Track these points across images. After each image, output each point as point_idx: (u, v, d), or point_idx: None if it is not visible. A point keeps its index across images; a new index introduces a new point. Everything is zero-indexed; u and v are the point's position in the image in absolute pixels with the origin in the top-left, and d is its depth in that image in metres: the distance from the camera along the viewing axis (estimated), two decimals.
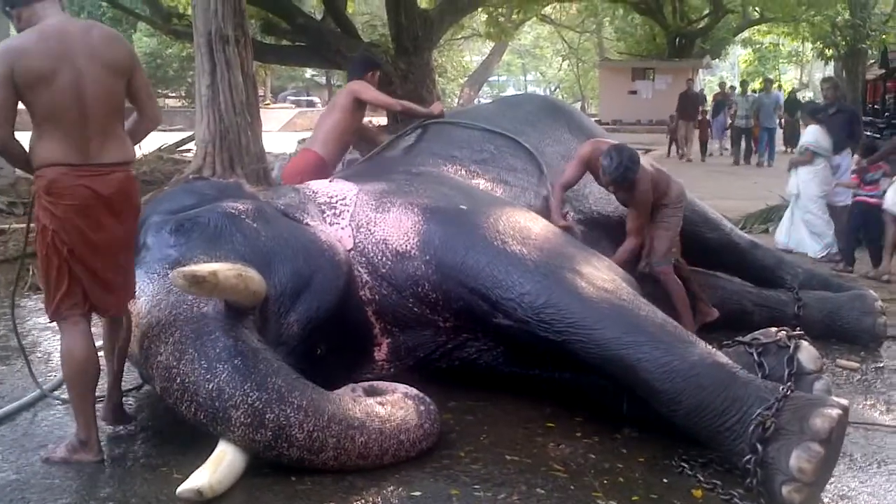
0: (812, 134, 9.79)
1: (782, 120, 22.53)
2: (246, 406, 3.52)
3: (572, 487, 3.62)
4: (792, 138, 22.14)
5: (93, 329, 3.86)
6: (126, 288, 3.88)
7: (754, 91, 23.63)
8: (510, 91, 50.85)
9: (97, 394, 3.92)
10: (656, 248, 5.59)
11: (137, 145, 4.09)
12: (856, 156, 9.34)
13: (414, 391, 3.99)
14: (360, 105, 6.25)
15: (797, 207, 9.68)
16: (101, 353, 3.98)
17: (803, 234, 9.63)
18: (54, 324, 3.82)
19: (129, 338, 3.91)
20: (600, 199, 5.85)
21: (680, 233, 5.74)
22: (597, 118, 29.32)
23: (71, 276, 3.66)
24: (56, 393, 4.59)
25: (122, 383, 4.24)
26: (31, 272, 7.43)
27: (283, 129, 31.95)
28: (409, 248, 4.52)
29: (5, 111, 3.59)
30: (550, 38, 45.16)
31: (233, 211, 4.42)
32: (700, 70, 29.27)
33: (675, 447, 3.97)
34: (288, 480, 3.59)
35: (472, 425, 4.28)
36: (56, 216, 3.62)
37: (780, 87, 35.15)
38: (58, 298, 3.67)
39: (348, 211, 4.78)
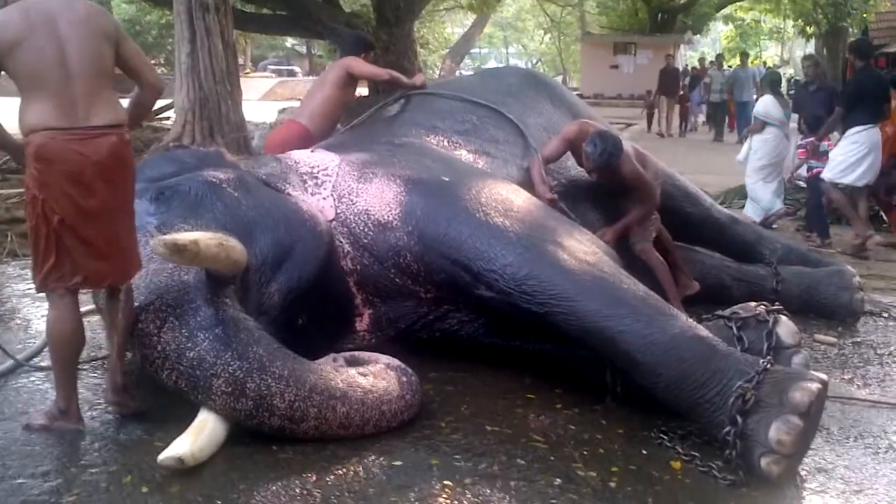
0: (763, 104, 10.22)
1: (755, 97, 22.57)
2: (227, 375, 3.51)
3: (552, 458, 3.64)
4: None
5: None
6: (124, 256, 3.74)
7: (730, 66, 23.60)
8: (492, 64, 50.64)
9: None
10: (634, 229, 5.61)
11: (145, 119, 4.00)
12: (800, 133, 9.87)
13: (396, 362, 3.99)
14: (351, 80, 6.23)
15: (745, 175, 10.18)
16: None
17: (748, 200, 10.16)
18: (32, 291, 3.77)
19: (132, 312, 3.76)
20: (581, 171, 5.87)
21: (659, 208, 5.74)
22: (578, 92, 29.26)
23: (59, 247, 3.57)
24: (34, 361, 4.55)
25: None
26: (9, 238, 7.39)
27: (263, 98, 31.76)
28: (390, 218, 4.51)
29: None
30: (533, 11, 44.93)
31: (214, 180, 4.39)
32: (682, 46, 29.25)
33: (654, 419, 4.00)
34: (269, 449, 3.59)
35: (452, 396, 4.29)
36: (46, 184, 3.53)
37: (764, 63, 35.21)
38: (45, 269, 3.60)
39: (330, 181, 4.76)
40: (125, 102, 3.89)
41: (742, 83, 20.14)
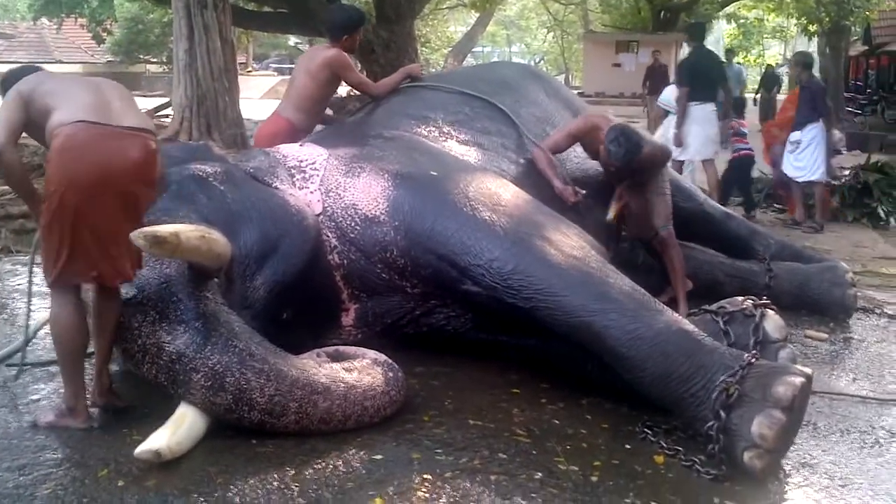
0: (666, 93, 10.76)
1: (756, 95, 22.27)
2: (206, 369, 3.50)
3: (534, 452, 3.62)
4: (769, 113, 21.89)
5: None
6: (132, 254, 3.67)
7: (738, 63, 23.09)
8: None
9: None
10: (660, 213, 5.68)
11: None
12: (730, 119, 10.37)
13: (383, 358, 3.97)
14: (337, 78, 6.01)
15: None
16: None
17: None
18: (24, 286, 3.75)
19: (120, 312, 3.73)
20: (579, 163, 5.89)
21: None
22: (580, 90, 29.26)
23: (75, 242, 3.52)
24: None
25: None
26: (1, 234, 7.38)
27: (264, 97, 31.67)
28: (378, 213, 4.49)
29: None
30: (536, 10, 44.89)
31: (200, 173, 4.38)
32: (684, 44, 29.21)
33: (639, 414, 3.99)
34: (248, 443, 3.58)
35: (437, 390, 4.28)
36: (72, 175, 3.49)
37: (767, 63, 35.06)
38: (61, 265, 3.55)
39: (318, 175, 4.74)
40: None
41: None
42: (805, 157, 9.54)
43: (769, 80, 22.02)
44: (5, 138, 3.55)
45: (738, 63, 22.92)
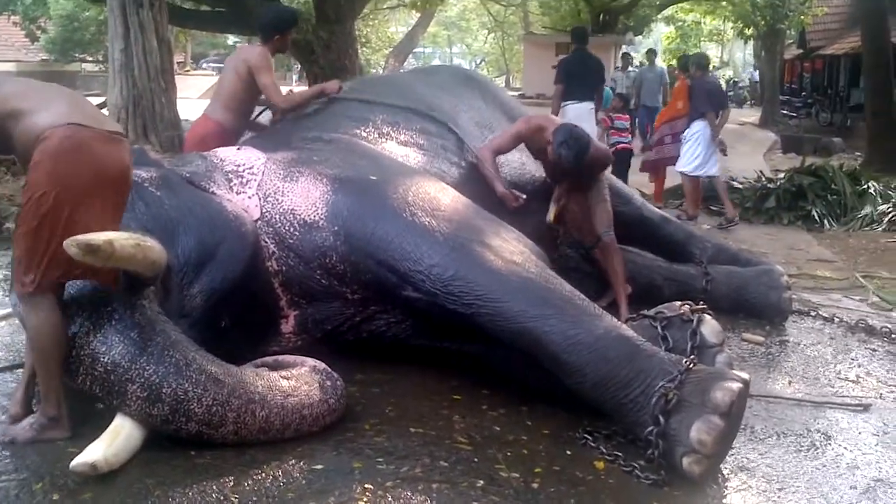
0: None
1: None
2: (142, 380, 3.44)
3: (476, 460, 3.61)
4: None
5: None
6: None
7: (642, 64, 21.14)
8: (436, 62, 50.63)
9: None
10: (601, 219, 5.76)
11: None
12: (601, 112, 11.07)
13: (322, 366, 3.94)
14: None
15: None
16: None
17: None
18: None
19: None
20: (517, 167, 5.92)
21: None
22: (521, 92, 29.39)
23: (59, 244, 3.39)
24: None
25: None
26: None
27: (202, 97, 31.20)
28: (316, 218, 4.45)
29: None
30: (476, 11, 45.03)
31: (135, 178, 4.28)
32: (623, 46, 29.40)
33: (579, 420, 4.01)
34: (187, 454, 3.52)
35: (377, 398, 4.25)
36: (66, 176, 3.43)
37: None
38: (45, 265, 3.45)
39: (255, 180, 4.68)
40: None
41: (650, 85, 17.21)
42: (692, 152, 10.09)
43: None
44: None
45: (661, 65, 22.52)
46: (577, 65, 10.50)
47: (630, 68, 19.61)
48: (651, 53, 19.69)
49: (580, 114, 9.84)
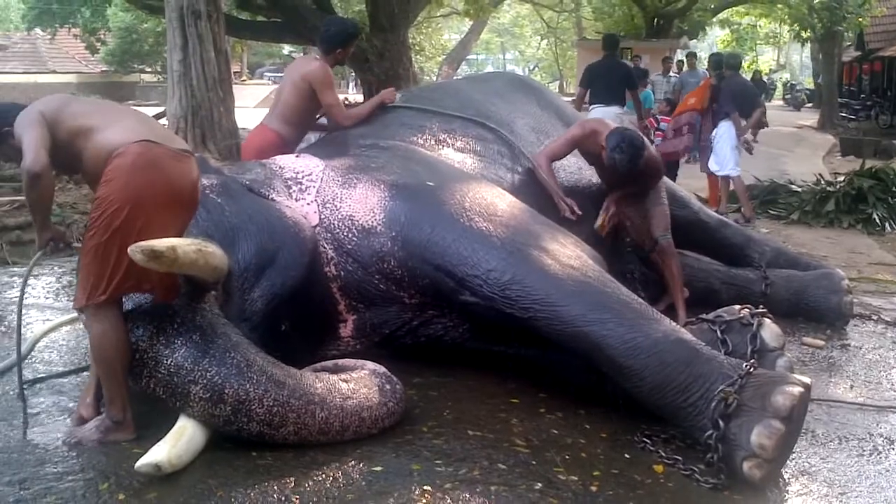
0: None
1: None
2: (205, 381, 3.50)
3: (533, 462, 3.62)
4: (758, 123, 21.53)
5: None
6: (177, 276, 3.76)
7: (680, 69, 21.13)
8: (489, 69, 50.70)
9: None
10: (658, 224, 5.75)
11: None
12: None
13: (381, 369, 3.97)
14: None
15: None
16: None
17: None
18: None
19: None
20: (574, 171, 5.90)
21: None
22: (574, 98, 29.26)
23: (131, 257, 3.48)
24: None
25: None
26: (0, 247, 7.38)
27: (259, 106, 31.58)
28: (374, 224, 4.49)
29: None
30: (529, 17, 45.03)
31: None
32: (678, 51, 29.18)
33: (638, 423, 4.00)
34: (249, 455, 3.58)
35: (435, 401, 4.27)
36: (139, 189, 3.54)
37: (755, 70, 35.04)
38: (118, 279, 3.55)
39: (314, 186, 4.74)
40: None
41: (691, 89, 15.77)
42: (718, 152, 10.21)
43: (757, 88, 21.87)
44: (46, 159, 3.54)
45: (704, 69, 22.06)
46: (603, 70, 10.92)
47: (671, 73, 19.35)
48: (691, 57, 19.49)
49: (606, 117, 9.83)
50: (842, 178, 11.26)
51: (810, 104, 37.30)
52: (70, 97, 4.03)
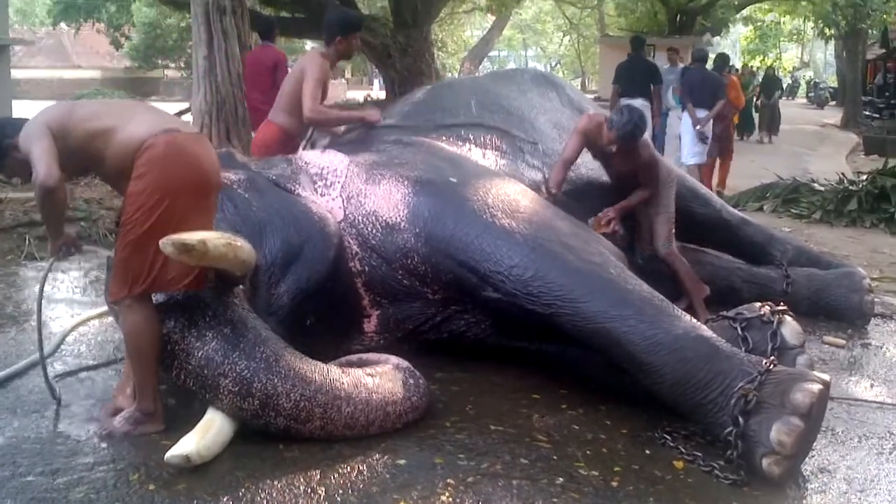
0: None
1: (758, 101, 21.83)
2: (234, 374, 3.57)
3: (555, 458, 3.67)
4: (771, 122, 21.38)
5: None
6: None
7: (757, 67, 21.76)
8: (511, 66, 50.64)
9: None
10: (659, 233, 5.70)
11: None
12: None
13: (405, 364, 4.03)
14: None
15: None
16: None
17: None
18: (48, 293, 3.77)
19: None
20: (592, 169, 5.91)
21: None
22: (596, 94, 29.21)
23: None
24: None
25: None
26: (27, 241, 7.46)
27: None
28: (398, 220, 4.55)
29: None
30: (551, 13, 44.94)
31: (224, 181, 4.43)
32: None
33: (658, 420, 4.03)
34: (275, 448, 3.64)
35: (458, 396, 4.33)
36: (180, 178, 3.62)
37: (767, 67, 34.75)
38: (156, 273, 3.62)
39: (339, 182, 4.80)
40: None
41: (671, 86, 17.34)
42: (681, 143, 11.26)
43: (769, 85, 21.73)
44: (58, 172, 3.57)
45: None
46: (626, 68, 12.03)
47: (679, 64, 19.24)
48: (672, 52, 19.38)
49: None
50: (864, 177, 11.19)
51: (833, 102, 37.09)
52: (70, 103, 4.08)
